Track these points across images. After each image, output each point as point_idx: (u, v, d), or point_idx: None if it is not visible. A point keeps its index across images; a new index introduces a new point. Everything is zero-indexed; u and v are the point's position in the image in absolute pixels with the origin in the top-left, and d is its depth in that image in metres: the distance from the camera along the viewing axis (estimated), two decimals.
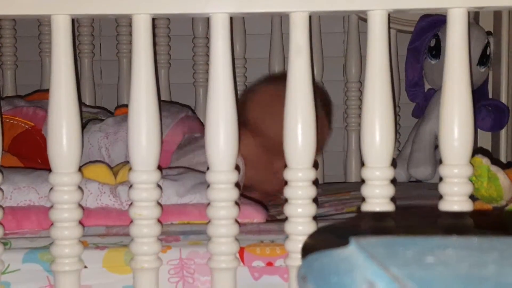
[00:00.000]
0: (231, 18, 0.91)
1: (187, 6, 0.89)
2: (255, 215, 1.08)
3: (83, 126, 1.35)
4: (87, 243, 0.98)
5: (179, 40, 1.79)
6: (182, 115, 1.46)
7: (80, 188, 0.94)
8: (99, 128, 1.38)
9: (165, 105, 1.41)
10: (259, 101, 1.45)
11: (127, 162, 1.04)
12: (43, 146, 1.28)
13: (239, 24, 1.77)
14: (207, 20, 0.90)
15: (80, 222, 0.95)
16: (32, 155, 1.29)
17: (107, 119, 1.41)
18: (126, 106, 1.51)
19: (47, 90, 0.93)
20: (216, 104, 0.90)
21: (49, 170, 0.93)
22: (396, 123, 1.64)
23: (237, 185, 0.93)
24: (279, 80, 1.53)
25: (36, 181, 1.08)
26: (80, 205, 0.94)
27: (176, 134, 1.40)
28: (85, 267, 0.96)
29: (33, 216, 1.05)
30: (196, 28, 1.77)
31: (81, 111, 0.94)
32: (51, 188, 0.93)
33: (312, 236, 0.90)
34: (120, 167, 1.11)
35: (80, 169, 0.93)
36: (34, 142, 1.32)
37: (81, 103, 0.94)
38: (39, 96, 1.49)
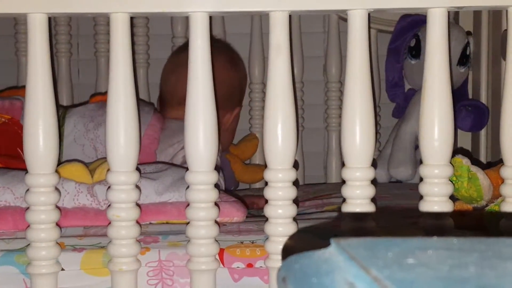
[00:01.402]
0: (210, 18, 0.90)
1: (166, 5, 0.89)
2: (235, 213, 1.08)
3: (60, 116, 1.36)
4: (64, 244, 0.97)
5: (158, 40, 1.78)
6: (153, 106, 1.53)
7: (57, 189, 0.92)
8: (82, 113, 1.38)
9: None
10: (165, 74, 1.60)
11: (104, 159, 1.04)
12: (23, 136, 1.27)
13: (218, 24, 1.76)
14: (186, 20, 0.89)
15: (57, 223, 0.93)
16: (12, 148, 1.28)
17: (88, 105, 1.42)
18: (100, 94, 1.54)
19: (20, 87, 0.92)
20: (196, 104, 0.89)
21: (26, 168, 0.92)
22: (377, 123, 1.65)
23: (216, 185, 0.93)
24: (177, 51, 1.64)
25: (12, 182, 1.06)
26: (57, 206, 0.93)
27: (158, 118, 1.42)
28: (62, 269, 0.95)
29: (9, 217, 1.03)
30: (175, 28, 1.76)
31: (58, 111, 0.92)
32: (28, 190, 0.91)
33: (292, 238, 0.90)
34: (96, 165, 1.10)
35: (56, 169, 0.92)
36: (13, 134, 1.30)
37: (58, 104, 0.92)
38: (12, 93, 1.47)
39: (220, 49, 1.56)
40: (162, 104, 1.58)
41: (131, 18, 0.90)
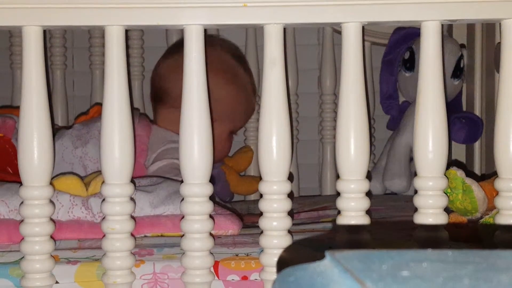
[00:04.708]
0: (205, 30, 0.90)
1: (161, 18, 0.89)
2: (230, 226, 1.07)
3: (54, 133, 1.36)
4: (59, 257, 0.96)
5: (152, 52, 1.78)
6: (138, 112, 1.52)
7: (51, 201, 0.92)
8: (70, 132, 1.38)
9: None
10: (163, 70, 1.55)
11: (99, 173, 1.03)
12: (13, 155, 1.26)
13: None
14: (181, 32, 0.89)
15: (52, 236, 0.93)
16: (2, 165, 1.28)
17: (74, 125, 1.43)
18: (83, 114, 1.53)
19: (15, 107, 0.92)
20: (190, 116, 0.89)
21: (19, 182, 0.92)
22: (371, 135, 1.65)
23: (211, 197, 0.93)
24: (172, 50, 1.59)
25: (6, 194, 1.06)
26: (51, 219, 0.93)
27: (144, 126, 1.42)
28: (57, 282, 0.94)
29: (3, 230, 1.03)
30: (170, 40, 1.76)
31: (53, 124, 0.92)
32: (22, 202, 0.91)
33: (287, 250, 0.90)
34: (91, 178, 1.10)
35: (50, 182, 0.92)
36: (3, 152, 1.30)
37: (53, 117, 0.93)
38: (6, 111, 1.47)
39: (222, 63, 1.52)
40: (156, 102, 1.54)
41: (126, 31, 0.91)
